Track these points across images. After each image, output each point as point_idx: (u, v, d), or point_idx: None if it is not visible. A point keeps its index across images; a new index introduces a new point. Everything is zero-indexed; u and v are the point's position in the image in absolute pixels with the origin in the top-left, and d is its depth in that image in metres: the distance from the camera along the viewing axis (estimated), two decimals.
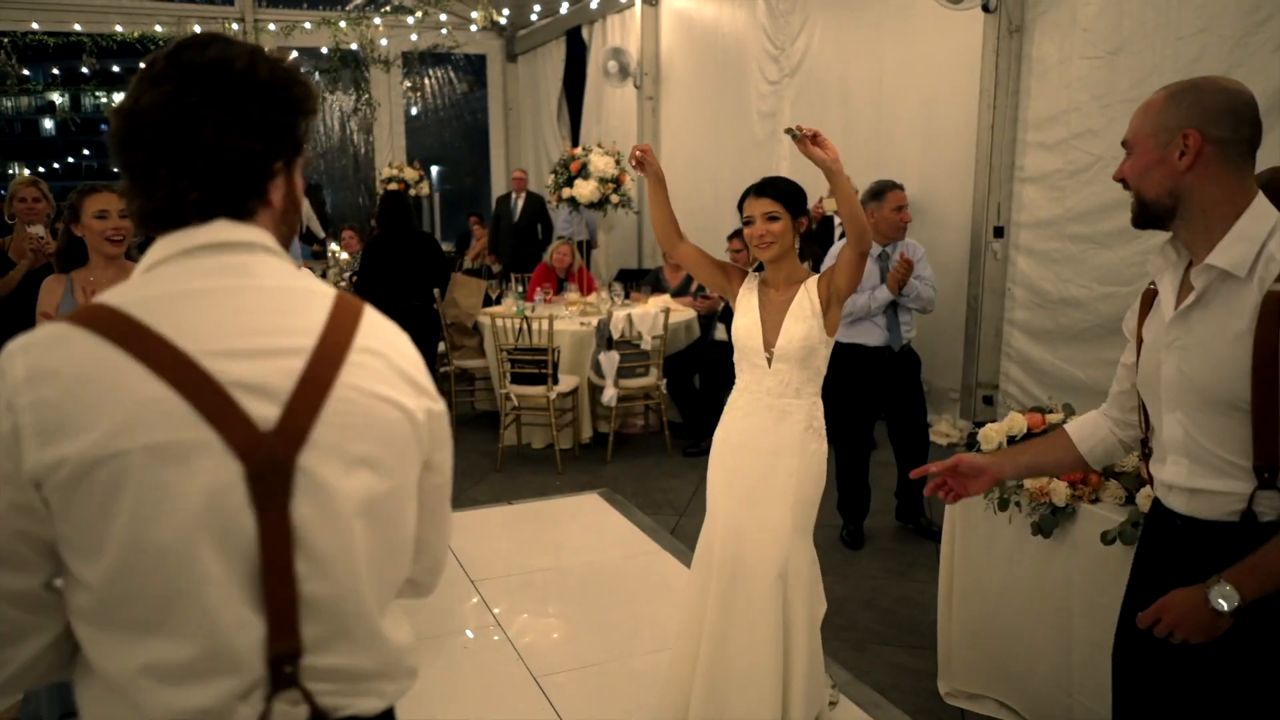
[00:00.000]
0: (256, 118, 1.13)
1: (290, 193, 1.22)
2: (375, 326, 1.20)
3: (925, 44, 6.25)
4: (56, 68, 11.02)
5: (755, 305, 2.85)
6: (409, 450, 1.20)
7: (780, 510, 2.79)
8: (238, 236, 1.15)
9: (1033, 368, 5.59)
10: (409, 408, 1.18)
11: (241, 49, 1.16)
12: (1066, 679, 2.85)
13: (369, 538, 1.16)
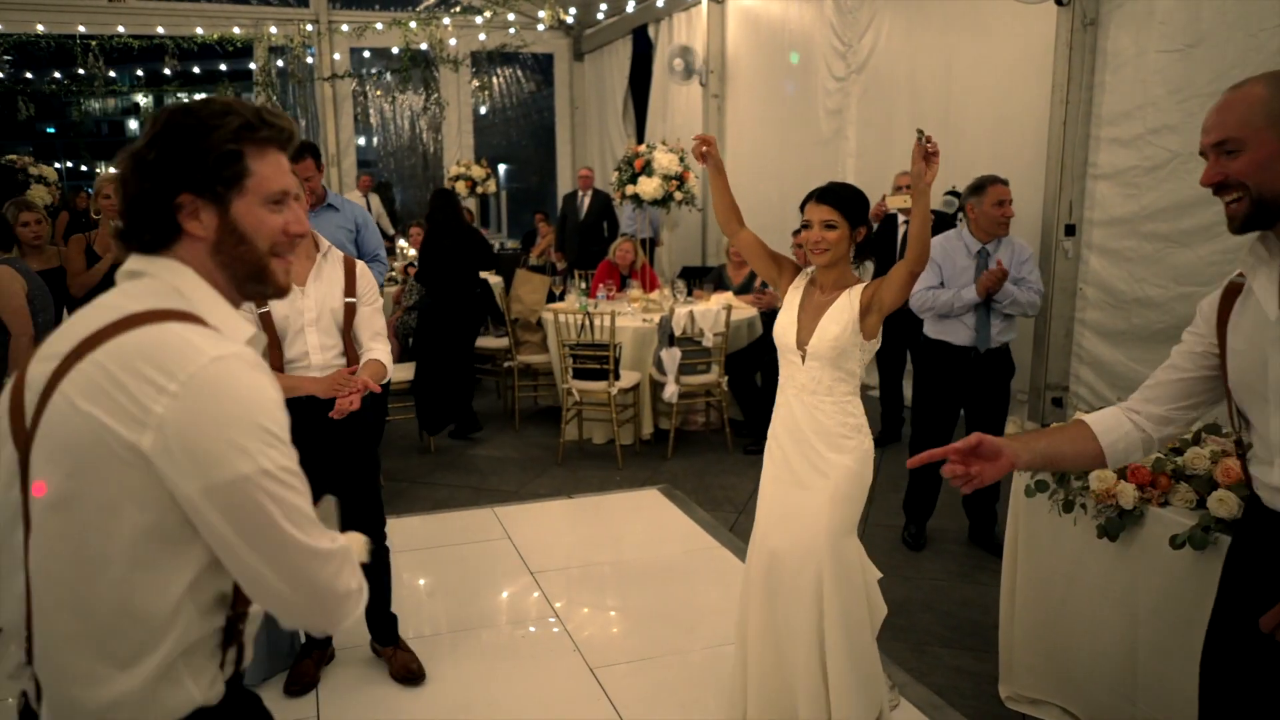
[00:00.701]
0: (151, 160, 1.30)
1: (224, 223, 1.32)
2: (126, 344, 1.22)
3: (996, 38, 6.14)
4: (140, 69, 11.37)
5: (797, 304, 2.90)
6: (105, 464, 1.19)
7: (818, 507, 2.80)
8: (134, 266, 1.33)
9: (1104, 369, 5.45)
10: (92, 418, 1.19)
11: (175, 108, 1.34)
12: (1131, 686, 2.78)
13: (50, 542, 1.23)
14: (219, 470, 1.17)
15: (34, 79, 10.76)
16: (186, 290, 1.31)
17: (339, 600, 1.28)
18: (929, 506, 4.61)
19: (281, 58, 10.69)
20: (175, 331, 1.23)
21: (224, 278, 1.35)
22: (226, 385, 1.20)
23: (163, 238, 1.31)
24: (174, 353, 1.20)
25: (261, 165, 1.33)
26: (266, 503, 1.20)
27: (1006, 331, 4.38)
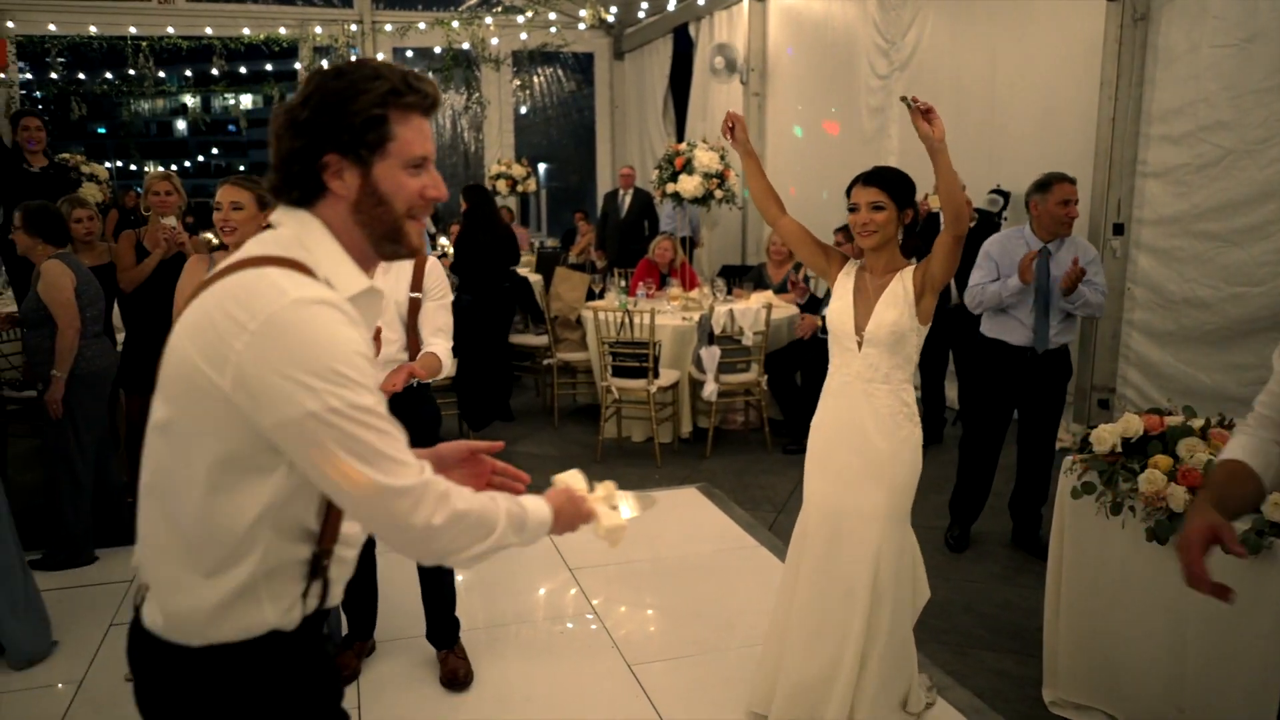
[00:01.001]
0: (303, 121, 1.35)
1: (366, 185, 1.38)
2: (228, 283, 1.31)
3: (1043, 34, 6.05)
4: (189, 69, 11.57)
5: (850, 290, 2.88)
6: (195, 396, 1.29)
7: (874, 494, 2.81)
8: (275, 218, 1.42)
9: (1152, 371, 5.35)
10: (188, 350, 1.29)
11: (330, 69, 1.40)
12: (1179, 694, 2.73)
13: (152, 460, 1.37)
14: (286, 406, 1.23)
15: (86, 80, 10.99)
16: (308, 242, 1.38)
17: (418, 534, 1.30)
18: (977, 509, 4.55)
19: (326, 58, 10.81)
20: (267, 275, 1.29)
21: (361, 236, 1.41)
22: (301, 327, 1.24)
23: (308, 194, 1.39)
24: (258, 294, 1.26)
25: (404, 130, 1.39)
26: (329, 439, 1.24)
27: (1065, 332, 4.28)
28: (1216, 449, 2.77)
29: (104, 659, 3.53)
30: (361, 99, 1.35)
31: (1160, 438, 2.89)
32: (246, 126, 52.20)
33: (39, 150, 5.96)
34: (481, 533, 1.37)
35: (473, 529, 1.35)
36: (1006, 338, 4.28)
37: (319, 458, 1.25)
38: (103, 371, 4.35)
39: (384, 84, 1.36)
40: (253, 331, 1.24)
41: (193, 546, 1.33)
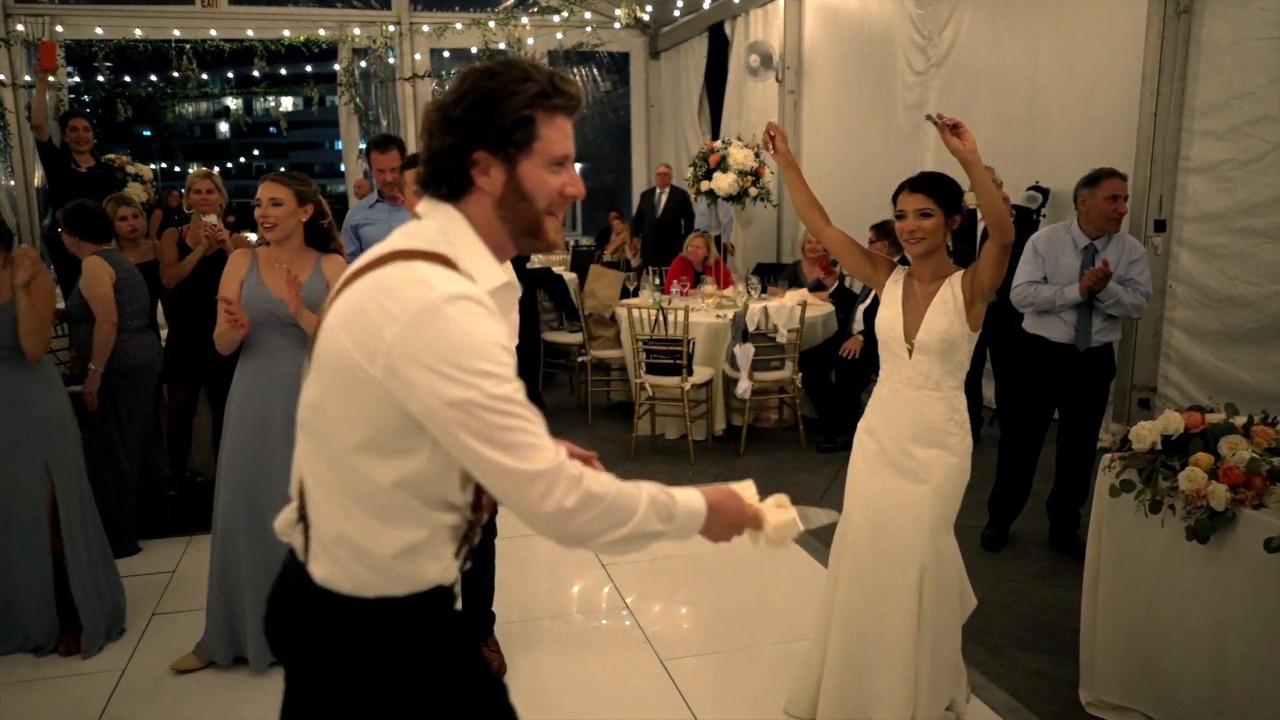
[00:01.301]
0: (455, 119, 1.43)
1: (511, 181, 1.45)
2: (379, 276, 1.39)
3: (1083, 29, 5.97)
4: (231, 71, 11.75)
5: (899, 297, 2.86)
6: (338, 383, 1.40)
7: (920, 502, 2.79)
8: (422, 210, 1.50)
9: (1194, 370, 5.27)
10: (341, 342, 1.39)
11: (481, 69, 1.47)
12: (1218, 697, 2.68)
13: (306, 420, 1.48)
14: (429, 396, 1.31)
15: (132, 82, 11.20)
16: (452, 236, 1.46)
17: (552, 517, 1.35)
18: (1016, 508, 4.50)
19: (364, 59, 10.92)
20: (415, 269, 1.37)
21: (503, 230, 1.49)
22: (447, 321, 1.32)
23: (457, 190, 1.47)
24: (409, 288, 1.34)
25: (549, 130, 1.45)
26: (468, 426, 1.31)
27: (1108, 331, 4.20)
28: (1259, 446, 2.73)
29: (146, 648, 3.60)
30: (512, 100, 1.42)
31: (1201, 435, 2.84)
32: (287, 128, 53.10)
33: (86, 150, 6.09)
34: (619, 518, 1.39)
35: (608, 513, 1.38)
36: (1047, 334, 4.22)
37: (459, 443, 1.33)
38: (146, 365, 4.44)
39: (533, 86, 1.43)
40: (403, 324, 1.32)
41: (362, 503, 1.43)
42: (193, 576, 4.17)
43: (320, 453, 1.46)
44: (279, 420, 3.23)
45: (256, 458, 3.25)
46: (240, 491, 3.26)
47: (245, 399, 3.28)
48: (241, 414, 3.28)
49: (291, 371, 3.24)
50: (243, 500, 3.26)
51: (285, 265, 3.20)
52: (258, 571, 3.26)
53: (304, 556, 1.52)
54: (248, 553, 3.26)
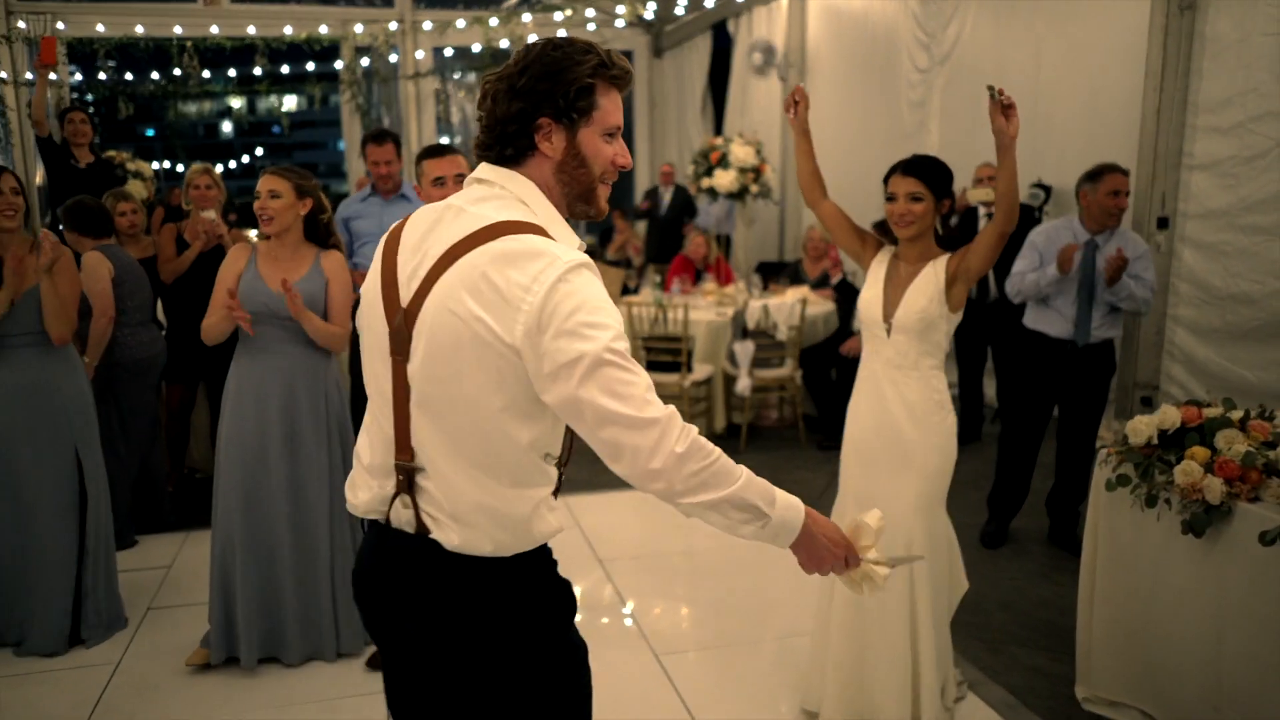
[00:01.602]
0: (521, 87, 1.53)
1: (571, 147, 1.56)
2: (494, 249, 1.47)
3: (1087, 26, 5.95)
4: (233, 69, 11.74)
5: (882, 277, 2.90)
6: (464, 346, 1.46)
7: (905, 482, 2.81)
8: (485, 175, 1.59)
9: (1197, 368, 5.23)
10: (473, 315, 1.45)
11: (545, 41, 1.56)
12: (1215, 692, 2.66)
13: (433, 396, 1.52)
14: (562, 355, 1.41)
15: (134, 80, 11.20)
16: (532, 204, 1.55)
17: (663, 462, 1.41)
18: (1016, 504, 4.48)
19: (367, 56, 10.91)
20: (531, 241, 1.47)
21: (560, 194, 1.59)
22: (575, 287, 1.43)
23: (520, 153, 1.56)
24: (533, 261, 1.44)
25: (606, 100, 1.56)
26: (589, 383, 1.40)
27: (1108, 327, 4.20)
28: (1256, 440, 2.71)
29: (140, 642, 3.60)
30: (577, 69, 1.52)
31: (1198, 429, 2.82)
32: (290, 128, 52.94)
33: (85, 144, 6.09)
34: (724, 478, 1.46)
35: (714, 469, 1.45)
36: (1047, 329, 4.21)
37: (580, 398, 1.41)
38: (147, 360, 4.45)
39: (594, 58, 1.53)
40: (536, 292, 1.41)
41: (486, 468, 1.52)
42: (188, 572, 4.17)
43: (454, 425, 1.51)
44: (275, 413, 3.24)
45: (253, 450, 3.25)
46: (237, 484, 3.25)
47: (240, 392, 3.27)
48: (238, 407, 3.27)
49: (287, 365, 3.25)
50: (239, 493, 3.25)
51: (283, 264, 3.19)
52: (251, 566, 3.26)
53: (416, 528, 1.57)
54: (244, 548, 3.25)
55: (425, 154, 3.36)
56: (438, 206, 1.59)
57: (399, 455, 1.57)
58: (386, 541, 1.62)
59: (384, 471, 1.60)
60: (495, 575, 1.57)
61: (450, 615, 1.58)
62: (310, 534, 3.31)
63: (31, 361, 3.41)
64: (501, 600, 1.58)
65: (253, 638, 3.28)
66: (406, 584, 1.60)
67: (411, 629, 1.61)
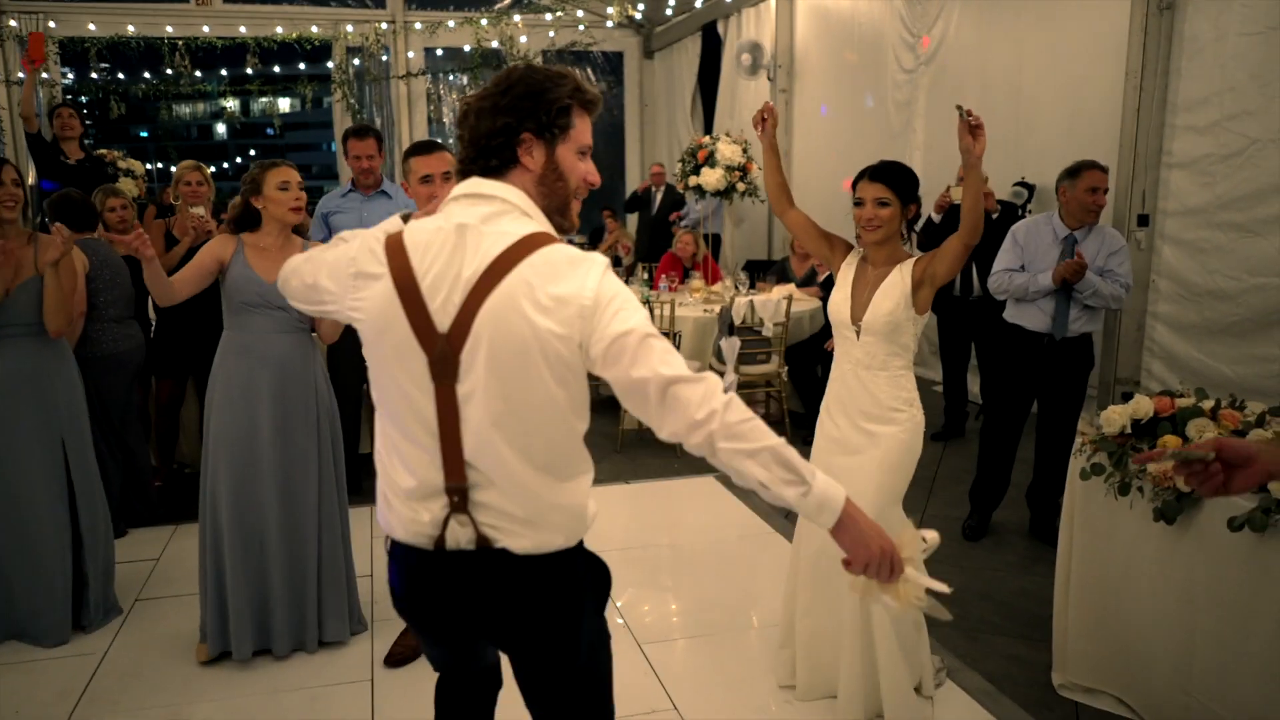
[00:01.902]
0: (504, 105, 1.66)
1: (550, 161, 1.69)
2: (540, 261, 1.60)
3: (1068, 26, 6.01)
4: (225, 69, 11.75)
5: (850, 280, 2.96)
6: (533, 355, 1.58)
7: (867, 473, 2.85)
8: (482, 190, 1.68)
9: (1177, 363, 5.30)
10: (538, 324, 1.57)
11: (525, 66, 1.73)
12: (1185, 676, 2.72)
13: (492, 405, 1.61)
14: (619, 326, 1.57)
15: (126, 79, 11.21)
16: (532, 214, 1.68)
17: (707, 414, 1.55)
18: (997, 498, 4.52)
19: (358, 57, 10.94)
20: (567, 251, 1.63)
21: (540, 206, 1.71)
22: (612, 284, 1.61)
23: (504, 165, 1.68)
24: (579, 265, 1.60)
25: (580, 121, 1.71)
26: (642, 351, 1.57)
27: (1086, 321, 4.23)
28: (1226, 429, 2.76)
29: (128, 632, 3.63)
30: (557, 90, 1.67)
31: (1170, 419, 2.87)
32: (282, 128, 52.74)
33: (74, 140, 6.11)
34: (761, 432, 1.58)
35: (753, 425, 1.58)
36: (1025, 323, 4.26)
37: (633, 366, 1.57)
38: (125, 355, 4.47)
39: (571, 83, 1.69)
40: (588, 294, 1.57)
41: (551, 468, 1.67)
42: (176, 564, 4.20)
43: (524, 434, 1.63)
44: (266, 404, 3.24)
45: (243, 442, 3.24)
46: (227, 477, 3.25)
47: (229, 384, 3.26)
48: (227, 399, 3.26)
49: (278, 354, 3.25)
50: (229, 485, 3.24)
51: (272, 255, 3.21)
52: (241, 559, 3.26)
53: (477, 543, 1.68)
54: (235, 540, 3.25)
55: (413, 151, 3.33)
56: (445, 229, 1.65)
57: (450, 478, 1.66)
58: (443, 562, 1.71)
59: (430, 495, 1.68)
60: (564, 564, 1.73)
61: (534, 611, 1.73)
62: (299, 525, 3.32)
63: (25, 352, 3.42)
64: (574, 583, 1.75)
65: (246, 631, 3.30)
66: (479, 597, 1.72)
67: (496, 633, 1.78)
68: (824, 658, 2.98)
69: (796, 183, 9.54)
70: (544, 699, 1.85)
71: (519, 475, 1.64)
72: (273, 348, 3.25)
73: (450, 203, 1.69)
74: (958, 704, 3.08)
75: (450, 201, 1.70)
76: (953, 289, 5.76)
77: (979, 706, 3.05)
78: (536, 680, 1.83)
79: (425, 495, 1.68)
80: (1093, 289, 4.09)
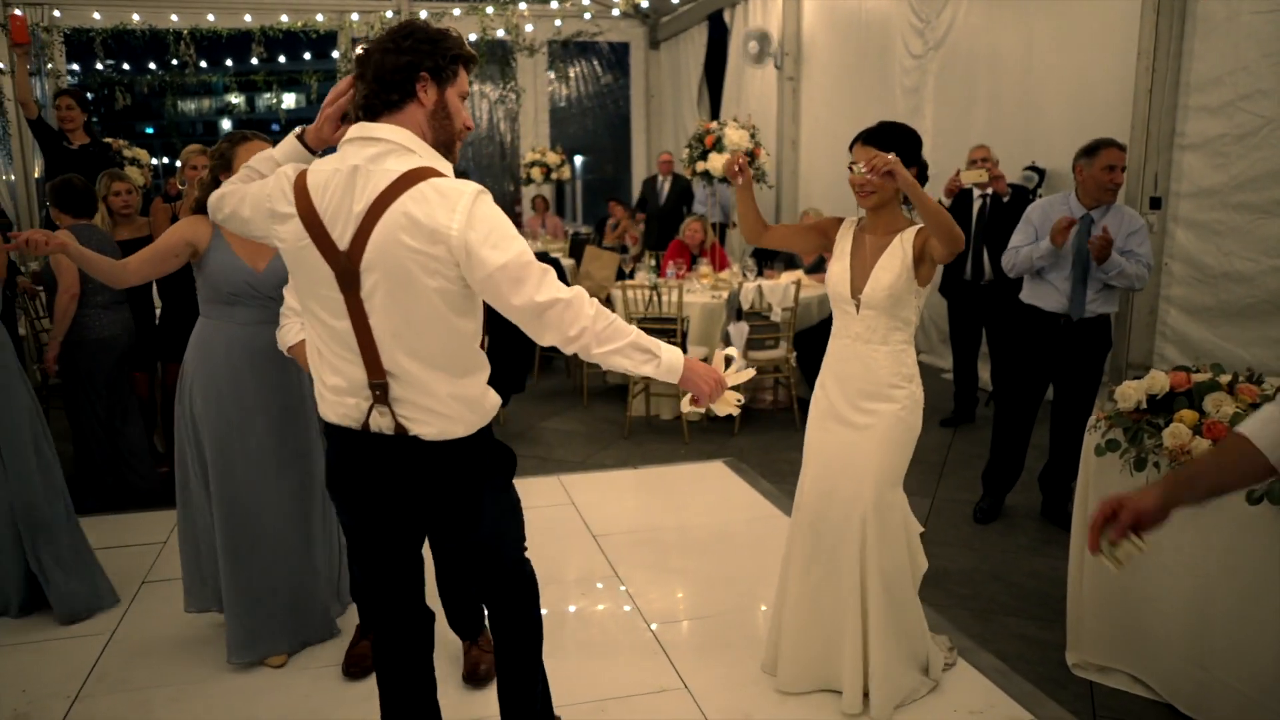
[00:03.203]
0: (406, 47, 1.91)
1: (440, 100, 1.95)
2: (417, 195, 1.85)
3: (1077, 7, 5.96)
4: (229, 59, 11.74)
5: (848, 251, 2.85)
6: (416, 278, 1.87)
7: (866, 453, 2.78)
8: (371, 133, 1.93)
9: (1190, 347, 5.25)
10: (417, 252, 1.85)
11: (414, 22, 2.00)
12: (1202, 651, 2.68)
13: (391, 320, 1.92)
14: (492, 261, 1.85)
15: (130, 71, 11.21)
16: (417, 149, 1.92)
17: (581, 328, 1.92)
18: (1010, 481, 4.48)
19: (363, 46, 10.92)
20: (441, 184, 1.86)
21: (431, 140, 1.96)
22: (484, 208, 1.87)
23: (402, 99, 1.92)
24: (452, 196, 1.85)
25: (462, 72, 1.99)
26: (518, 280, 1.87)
27: (1104, 303, 4.15)
28: (1244, 404, 2.73)
29: (135, 613, 3.61)
30: (449, 41, 1.96)
31: (1186, 394, 2.84)
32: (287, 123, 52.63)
33: (76, 128, 6.09)
34: (622, 329, 1.96)
35: (615, 326, 1.95)
36: (1041, 304, 4.20)
37: (521, 293, 1.87)
38: (112, 339, 4.50)
39: (458, 39, 1.99)
40: (459, 219, 1.83)
41: (447, 361, 1.97)
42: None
43: (418, 337, 1.93)
44: (257, 401, 3.11)
45: (235, 441, 3.10)
46: (222, 474, 3.10)
47: (214, 378, 3.08)
48: (212, 395, 3.08)
49: (263, 345, 3.06)
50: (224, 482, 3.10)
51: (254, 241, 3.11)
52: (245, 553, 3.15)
53: (395, 430, 1.99)
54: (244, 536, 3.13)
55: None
56: (340, 170, 1.90)
57: (372, 375, 1.96)
58: (366, 444, 2.04)
59: (355, 390, 2.00)
60: (466, 449, 2.04)
61: (440, 489, 2.06)
62: (298, 511, 3.23)
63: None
64: (475, 465, 2.07)
65: (275, 628, 3.21)
66: (395, 474, 2.05)
67: (411, 509, 2.11)
68: (811, 651, 2.90)
69: (803, 170, 9.51)
70: (456, 569, 2.22)
71: (420, 376, 1.95)
72: (259, 338, 3.06)
73: (345, 144, 1.95)
74: (971, 682, 3.05)
75: (345, 143, 1.95)
76: (963, 273, 5.71)
77: (992, 685, 3.02)
78: (448, 553, 2.26)
79: (351, 391, 2.00)
80: (1118, 269, 4.02)
